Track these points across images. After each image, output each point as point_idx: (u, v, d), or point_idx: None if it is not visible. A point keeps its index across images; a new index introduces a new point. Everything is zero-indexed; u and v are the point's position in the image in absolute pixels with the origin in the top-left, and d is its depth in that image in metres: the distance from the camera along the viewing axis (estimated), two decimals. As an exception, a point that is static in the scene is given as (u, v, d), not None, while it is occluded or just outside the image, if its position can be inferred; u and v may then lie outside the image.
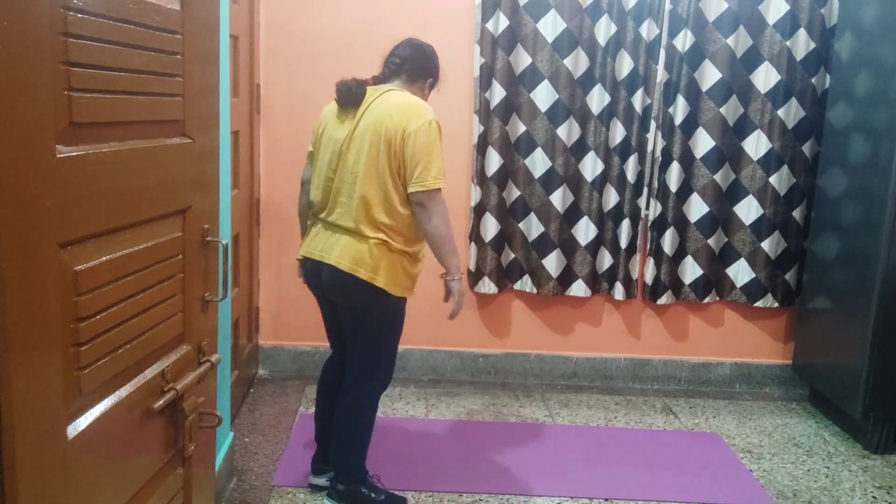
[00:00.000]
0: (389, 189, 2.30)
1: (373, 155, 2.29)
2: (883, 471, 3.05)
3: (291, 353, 3.73)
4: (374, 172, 2.29)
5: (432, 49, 2.53)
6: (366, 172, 2.30)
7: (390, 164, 2.29)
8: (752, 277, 3.68)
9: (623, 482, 2.84)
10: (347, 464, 2.47)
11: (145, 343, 1.34)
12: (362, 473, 2.50)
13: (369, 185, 2.30)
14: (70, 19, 1.07)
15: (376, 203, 2.30)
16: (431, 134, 2.31)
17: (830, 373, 3.43)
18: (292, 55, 3.47)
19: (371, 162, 2.29)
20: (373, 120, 2.31)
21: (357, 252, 2.31)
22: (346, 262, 2.32)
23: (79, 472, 1.16)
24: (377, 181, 2.30)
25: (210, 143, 1.56)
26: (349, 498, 2.48)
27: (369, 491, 2.48)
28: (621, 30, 3.44)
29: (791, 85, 3.51)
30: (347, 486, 2.47)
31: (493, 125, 3.47)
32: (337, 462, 2.50)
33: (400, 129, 2.28)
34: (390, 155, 2.28)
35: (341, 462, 2.48)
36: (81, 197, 1.12)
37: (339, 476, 2.49)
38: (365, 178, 2.30)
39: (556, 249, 3.60)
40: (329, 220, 2.38)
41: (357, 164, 2.31)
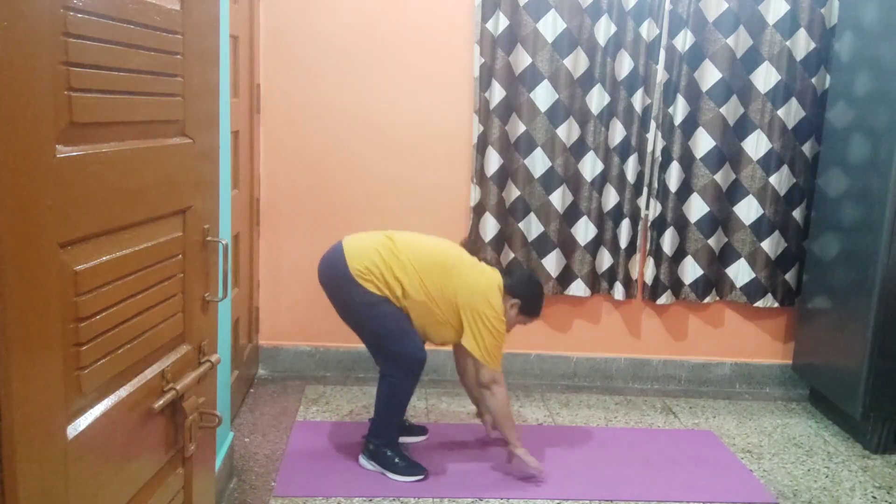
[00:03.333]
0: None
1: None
2: (883, 471, 3.05)
3: (291, 353, 3.73)
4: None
5: (541, 289, 2.87)
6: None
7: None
8: (752, 277, 3.68)
9: (623, 482, 2.84)
10: (379, 428, 2.81)
11: (145, 343, 1.34)
12: (391, 439, 2.82)
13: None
14: (70, 19, 1.07)
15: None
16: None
17: (830, 373, 3.42)
18: (292, 55, 3.47)
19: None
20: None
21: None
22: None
23: (79, 472, 1.16)
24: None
25: (210, 143, 1.56)
26: (377, 457, 2.80)
27: (394, 454, 2.79)
28: (621, 30, 3.44)
29: (791, 85, 3.51)
30: (377, 447, 2.80)
31: (493, 125, 3.47)
32: (372, 425, 2.84)
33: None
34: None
35: (376, 426, 2.82)
36: (81, 197, 1.12)
37: (371, 437, 2.82)
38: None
39: (555, 249, 3.60)
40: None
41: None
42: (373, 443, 2.81)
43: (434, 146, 3.57)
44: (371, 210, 3.60)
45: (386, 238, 2.72)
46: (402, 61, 3.49)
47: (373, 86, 3.50)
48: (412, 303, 2.66)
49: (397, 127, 3.54)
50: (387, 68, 3.49)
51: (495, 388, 2.69)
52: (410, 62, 3.50)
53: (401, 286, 2.64)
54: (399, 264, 2.65)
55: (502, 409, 2.72)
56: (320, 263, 2.79)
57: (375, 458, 2.81)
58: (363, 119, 3.53)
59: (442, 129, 3.56)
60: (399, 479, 2.75)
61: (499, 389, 2.69)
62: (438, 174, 3.59)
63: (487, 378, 2.69)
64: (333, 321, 3.70)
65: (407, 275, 2.64)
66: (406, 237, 2.75)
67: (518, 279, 2.77)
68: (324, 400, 3.46)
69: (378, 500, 2.64)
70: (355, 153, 3.55)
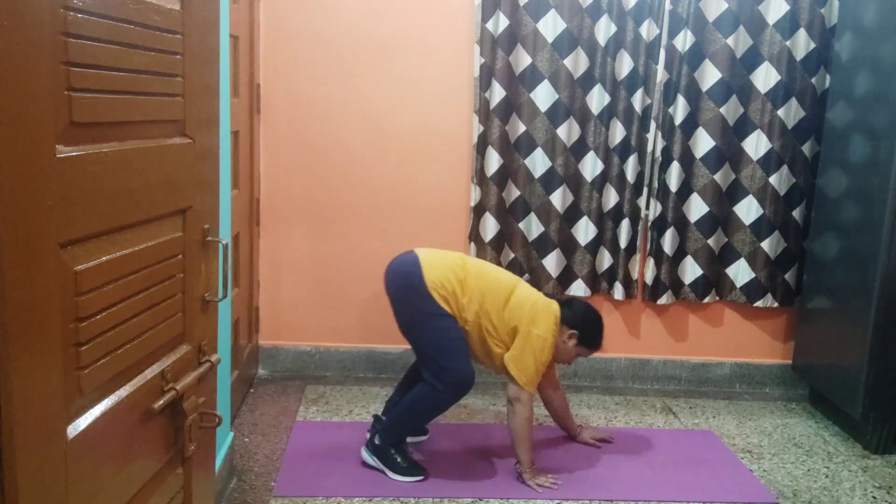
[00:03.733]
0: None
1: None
2: (883, 471, 3.05)
3: (291, 353, 3.73)
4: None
5: (600, 320, 2.89)
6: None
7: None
8: (752, 277, 3.68)
9: (623, 482, 2.84)
10: (394, 428, 2.83)
11: (145, 343, 1.34)
12: (398, 440, 2.84)
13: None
14: (70, 19, 1.07)
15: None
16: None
17: (830, 373, 3.42)
18: (292, 55, 3.47)
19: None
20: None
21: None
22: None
23: (79, 472, 1.16)
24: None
25: (210, 143, 1.56)
26: (380, 454, 2.81)
27: (397, 454, 2.80)
28: (621, 30, 3.44)
29: (791, 85, 3.51)
30: (382, 443, 2.81)
31: (493, 125, 3.47)
32: (387, 420, 2.86)
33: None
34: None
35: (391, 424, 2.83)
36: (81, 197, 1.12)
37: (381, 433, 2.82)
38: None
39: (555, 249, 3.60)
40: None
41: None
42: (380, 438, 2.81)
43: (434, 146, 3.57)
44: (371, 210, 3.60)
45: (460, 259, 2.79)
46: (402, 61, 3.49)
47: (373, 86, 3.50)
48: (472, 327, 2.72)
49: (397, 127, 3.54)
50: (387, 68, 3.49)
51: (518, 406, 2.70)
52: (410, 62, 3.50)
53: (465, 308, 2.70)
54: (467, 288, 2.71)
55: (519, 428, 2.73)
56: (389, 271, 2.81)
57: (378, 454, 2.81)
58: (363, 119, 3.53)
59: (442, 129, 3.56)
60: (399, 479, 2.75)
61: (521, 408, 2.70)
62: (438, 174, 3.59)
63: (513, 394, 2.71)
64: (333, 321, 3.72)
65: (472, 300, 2.70)
66: (476, 263, 2.82)
67: (576, 311, 2.81)
68: (324, 400, 3.46)
69: (378, 500, 2.64)
70: (355, 153, 3.55)
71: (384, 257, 3.62)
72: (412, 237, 3.63)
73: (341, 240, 3.62)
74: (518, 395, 2.69)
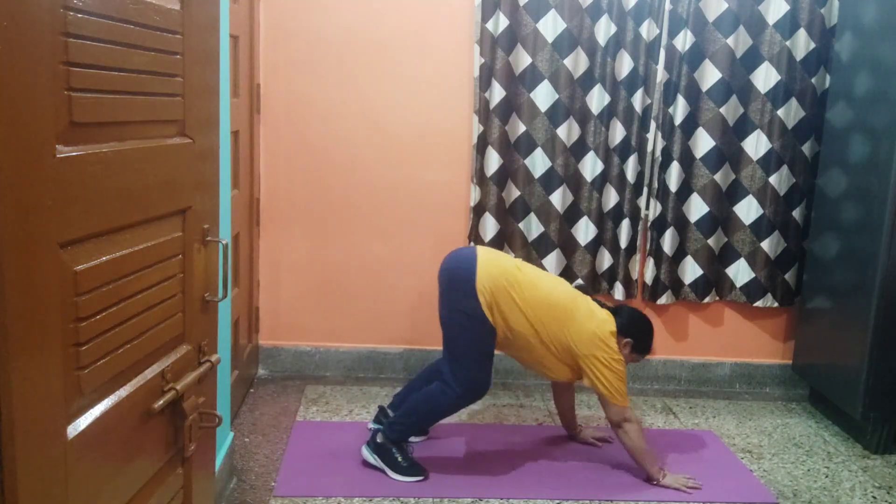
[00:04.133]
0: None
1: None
2: (883, 471, 3.05)
3: (291, 353, 3.73)
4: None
5: (650, 326, 2.90)
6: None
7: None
8: (752, 277, 3.68)
9: (623, 483, 2.84)
10: (400, 425, 2.83)
11: (145, 343, 1.34)
12: (401, 439, 2.83)
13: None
14: (70, 19, 1.07)
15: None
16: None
17: (830, 373, 3.42)
18: (292, 55, 3.47)
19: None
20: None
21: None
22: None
23: (79, 472, 1.16)
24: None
25: (210, 143, 1.56)
26: (381, 452, 2.81)
27: (398, 453, 2.80)
28: (621, 30, 3.44)
29: (791, 85, 3.51)
30: (384, 442, 2.81)
31: (493, 125, 3.47)
32: (395, 416, 2.88)
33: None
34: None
35: (397, 417, 2.86)
36: (81, 197, 1.12)
37: (386, 428, 2.83)
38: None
39: (555, 249, 3.60)
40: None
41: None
42: (384, 436, 2.81)
43: (434, 146, 3.57)
44: (371, 210, 3.60)
45: (516, 269, 2.76)
46: (402, 61, 3.49)
47: (373, 86, 3.50)
48: (518, 336, 2.72)
49: (397, 127, 3.54)
50: (387, 68, 3.49)
51: (626, 425, 2.75)
52: (410, 62, 3.50)
53: (508, 316, 2.69)
54: (515, 301, 2.69)
55: (636, 446, 2.77)
56: (450, 260, 2.81)
57: (379, 452, 2.80)
58: (363, 119, 3.53)
59: (442, 129, 3.56)
60: (399, 479, 2.75)
61: (630, 426, 2.75)
62: (438, 174, 3.59)
63: (617, 416, 2.74)
64: (333, 321, 3.72)
65: (519, 313, 2.69)
66: (531, 276, 2.77)
67: (628, 319, 2.82)
68: (324, 400, 3.46)
69: (378, 500, 2.64)
70: (355, 153, 3.55)
71: (384, 257, 3.65)
72: (412, 237, 3.64)
73: (341, 239, 3.62)
74: (623, 415, 2.74)
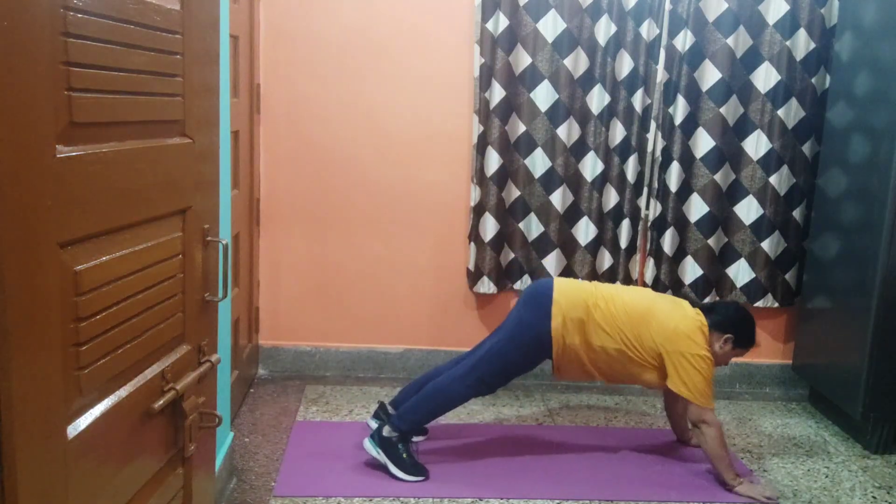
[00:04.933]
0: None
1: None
2: (883, 471, 3.05)
3: (291, 353, 3.73)
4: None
5: (752, 318, 2.89)
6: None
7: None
8: (753, 277, 3.68)
9: (623, 482, 2.84)
10: (406, 417, 2.79)
11: (145, 343, 1.34)
12: (408, 434, 2.80)
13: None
14: (70, 19, 1.07)
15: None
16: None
17: (830, 373, 3.42)
18: (292, 55, 3.47)
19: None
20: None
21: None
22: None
23: (79, 472, 1.16)
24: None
25: (210, 143, 1.56)
26: (385, 446, 2.76)
27: (403, 449, 2.77)
28: (621, 30, 3.44)
29: (791, 85, 3.51)
30: (390, 435, 2.76)
31: (493, 125, 3.47)
32: (402, 410, 2.81)
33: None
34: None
35: (404, 413, 2.80)
36: (81, 197, 1.12)
37: (393, 421, 2.79)
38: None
39: (555, 249, 3.60)
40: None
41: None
42: (393, 428, 2.77)
43: (434, 146, 3.57)
44: (371, 210, 3.60)
45: (593, 288, 2.80)
46: (402, 61, 3.49)
47: (373, 86, 3.50)
48: (603, 352, 2.74)
49: (397, 127, 3.54)
50: (387, 68, 3.49)
51: (704, 427, 2.73)
52: (410, 62, 3.50)
53: (593, 338, 2.72)
54: (596, 321, 2.72)
55: (714, 447, 2.75)
56: (531, 286, 2.88)
57: (384, 446, 2.77)
58: (363, 119, 3.53)
59: (442, 129, 3.56)
60: (400, 476, 2.74)
61: (708, 429, 2.72)
62: (438, 174, 3.59)
63: (696, 416, 2.73)
64: (333, 321, 3.72)
65: (602, 332, 2.72)
66: (608, 293, 2.80)
67: (726, 314, 2.82)
68: (324, 400, 3.46)
69: (378, 500, 2.64)
70: (355, 153, 3.55)
71: (384, 257, 3.65)
72: (412, 237, 3.64)
73: (341, 239, 3.62)
74: (701, 416, 2.72)
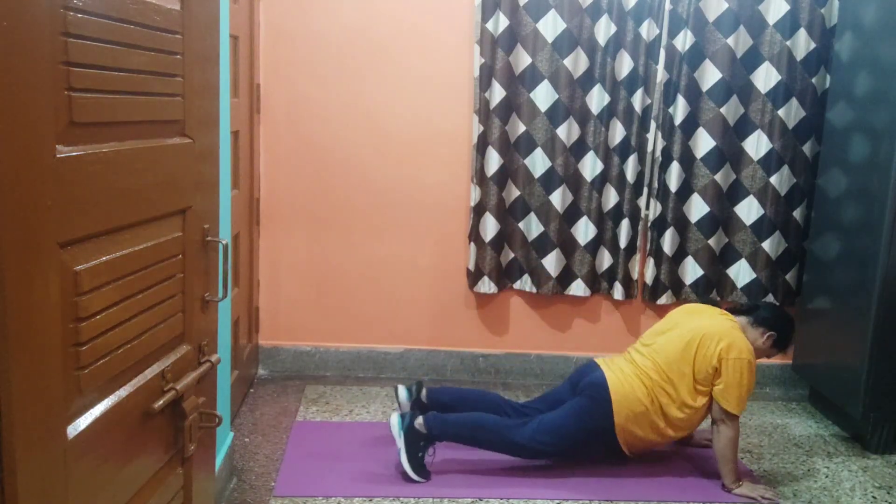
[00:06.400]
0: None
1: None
2: (883, 471, 3.05)
3: (291, 353, 3.73)
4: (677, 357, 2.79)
5: (794, 324, 2.98)
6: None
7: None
8: (753, 278, 3.67)
9: (623, 482, 2.84)
10: (446, 430, 2.78)
11: (145, 343, 1.34)
12: (436, 438, 2.78)
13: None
14: (70, 19, 1.07)
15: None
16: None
17: (830, 373, 3.42)
18: (292, 55, 3.47)
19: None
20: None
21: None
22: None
23: (79, 472, 1.16)
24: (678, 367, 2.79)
25: (210, 143, 1.56)
26: (411, 436, 2.74)
27: (423, 449, 2.76)
28: (621, 30, 3.44)
29: (791, 85, 3.51)
30: (420, 430, 2.74)
31: (493, 125, 3.47)
32: (447, 421, 2.78)
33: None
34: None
35: (448, 424, 2.77)
36: (81, 197, 1.12)
37: (431, 421, 2.76)
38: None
39: (555, 249, 3.60)
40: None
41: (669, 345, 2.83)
42: (427, 425, 2.74)
43: (434, 146, 3.57)
44: (371, 210, 3.60)
45: (641, 372, 2.81)
46: (402, 61, 3.49)
47: (373, 86, 3.50)
48: (679, 420, 2.78)
49: (397, 127, 3.54)
50: (387, 68, 3.49)
51: (724, 427, 2.74)
52: (410, 62, 3.50)
53: (659, 419, 2.78)
54: (658, 409, 2.76)
55: (726, 449, 2.76)
56: (589, 383, 2.83)
57: (409, 435, 2.74)
58: (363, 119, 3.53)
59: (442, 129, 3.56)
60: (406, 468, 2.72)
61: (727, 430, 2.73)
62: (438, 174, 3.59)
63: (718, 414, 2.74)
64: (333, 321, 3.72)
65: (670, 406, 2.76)
66: (650, 355, 2.84)
67: (774, 313, 2.93)
68: (324, 400, 3.46)
69: (378, 500, 2.64)
70: (355, 153, 3.55)
71: (384, 257, 3.65)
72: (412, 237, 3.64)
73: (341, 239, 3.62)
74: (723, 416, 2.73)
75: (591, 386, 2.80)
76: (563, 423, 2.78)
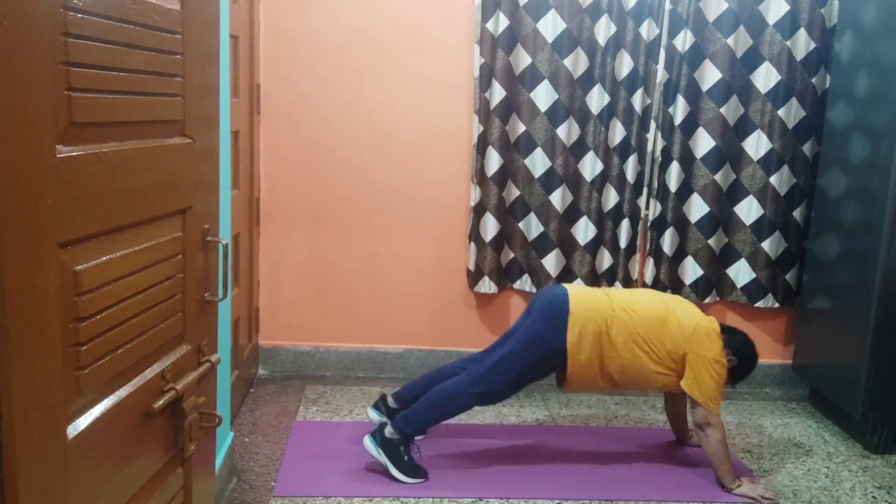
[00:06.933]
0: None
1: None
2: (883, 471, 3.05)
3: (291, 353, 3.73)
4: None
5: (757, 359, 2.89)
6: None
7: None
8: (753, 278, 3.67)
9: (623, 482, 2.84)
10: (411, 421, 2.76)
11: (145, 343, 1.34)
12: (411, 436, 2.77)
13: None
14: (70, 19, 1.07)
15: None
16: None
17: (830, 373, 3.43)
18: (292, 55, 3.47)
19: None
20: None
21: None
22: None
23: (79, 472, 1.16)
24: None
25: (210, 143, 1.56)
26: (388, 447, 2.75)
27: (405, 452, 2.75)
28: (621, 30, 3.44)
29: (791, 85, 3.51)
30: (392, 437, 2.74)
31: (493, 125, 3.47)
32: (407, 414, 2.78)
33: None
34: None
35: (410, 416, 2.77)
36: (81, 197, 1.12)
37: (396, 423, 2.76)
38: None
39: (555, 249, 3.60)
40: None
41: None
42: (396, 430, 2.75)
43: (434, 146, 3.57)
44: (371, 210, 3.60)
45: (607, 298, 2.79)
46: (402, 61, 3.49)
47: (373, 86, 3.50)
48: (626, 364, 2.73)
49: (397, 127, 3.54)
50: (387, 68, 3.49)
51: (709, 430, 2.73)
52: (410, 62, 3.50)
53: (609, 353, 2.72)
54: (611, 336, 2.71)
55: (716, 451, 2.75)
56: (544, 295, 2.83)
57: (385, 447, 2.75)
58: (363, 119, 3.53)
59: (442, 129, 3.56)
60: (400, 477, 2.74)
61: (712, 431, 2.72)
62: (438, 174, 3.59)
63: (701, 419, 2.73)
64: (333, 321, 3.72)
65: (622, 343, 2.71)
66: (622, 301, 2.79)
67: (740, 340, 2.84)
68: (324, 400, 3.46)
69: (378, 500, 2.64)
70: (355, 153, 3.55)
71: (384, 257, 3.64)
72: (412, 237, 3.64)
73: (341, 239, 3.62)
74: (707, 419, 2.72)
75: (550, 298, 2.78)
76: (512, 356, 2.75)
